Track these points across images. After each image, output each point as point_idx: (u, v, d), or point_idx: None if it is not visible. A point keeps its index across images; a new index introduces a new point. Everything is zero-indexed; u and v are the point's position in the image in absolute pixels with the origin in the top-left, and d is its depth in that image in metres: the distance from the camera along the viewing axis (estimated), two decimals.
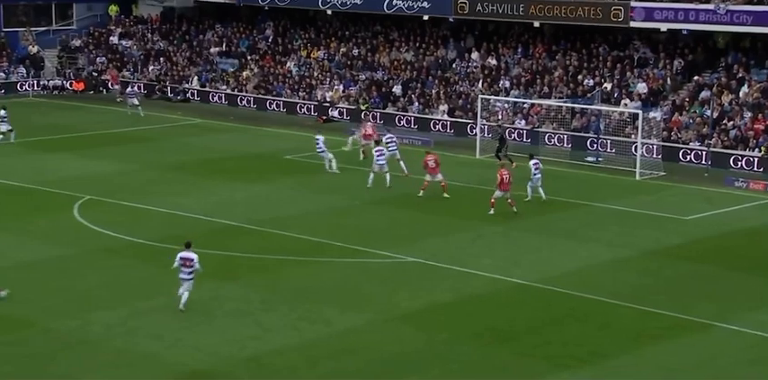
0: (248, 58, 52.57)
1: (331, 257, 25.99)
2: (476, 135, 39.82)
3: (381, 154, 33.07)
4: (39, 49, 55.56)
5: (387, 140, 34.96)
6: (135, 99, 46.95)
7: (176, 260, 22.05)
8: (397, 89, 46.87)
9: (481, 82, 45.18)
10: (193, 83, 51.90)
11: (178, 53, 54.65)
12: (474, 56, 47.34)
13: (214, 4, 55.15)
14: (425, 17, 47.75)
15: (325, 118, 46.73)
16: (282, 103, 48.57)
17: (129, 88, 48.77)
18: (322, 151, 35.25)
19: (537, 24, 44.82)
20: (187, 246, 22.25)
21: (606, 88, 42.48)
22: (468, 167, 36.77)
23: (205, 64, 53.27)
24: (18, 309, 21.96)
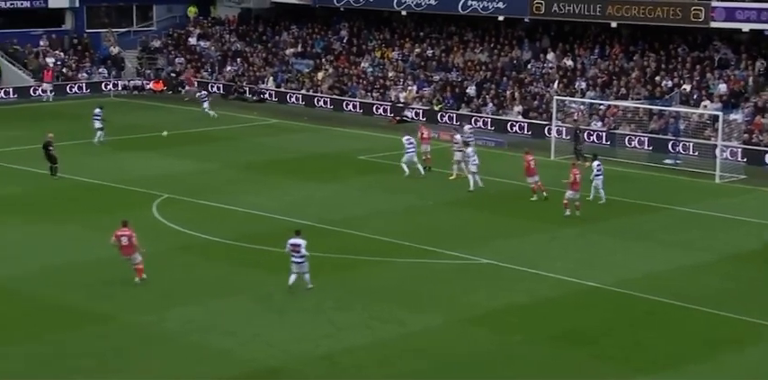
0: (323, 58, 52.91)
1: (404, 258, 25.98)
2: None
3: (469, 156, 32.84)
4: (120, 49, 56.66)
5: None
6: (206, 102, 46.56)
7: (287, 246, 23.20)
8: (471, 90, 46.70)
9: (557, 83, 44.79)
10: (269, 83, 52.39)
11: (254, 54, 55.23)
12: (549, 57, 46.95)
13: (290, 5, 55.60)
14: (500, 18, 47.49)
15: (399, 119, 46.76)
16: (359, 104, 48.72)
17: (199, 92, 48.88)
18: (411, 152, 34.54)
19: (614, 25, 44.26)
20: (297, 233, 23.25)
21: (685, 90, 41.75)
22: (543, 169, 36.31)
23: (281, 65, 53.74)
24: (99, 304, 22.42)
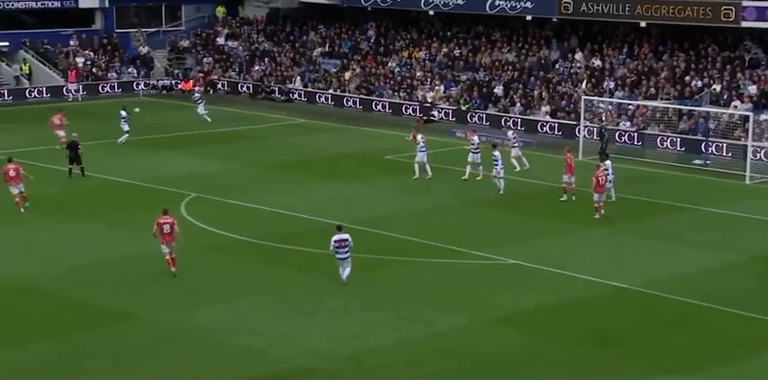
0: (350, 58, 52.96)
1: (431, 258, 25.95)
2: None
3: (496, 159, 32.56)
4: (149, 49, 57.03)
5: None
6: (200, 106, 44.72)
7: (331, 244, 23.27)
8: (499, 90, 46.58)
9: (585, 83, 44.57)
10: (296, 83, 52.53)
11: (282, 54, 55.39)
12: (578, 56, 46.74)
13: (318, 4, 55.71)
14: (528, 17, 47.34)
15: (426, 118, 46.73)
16: (388, 104, 48.67)
17: (196, 94, 46.86)
18: (423, 151, 34.59)
19: (643, 24, 43.99)
20: (339, 229, 23.54)
21: (715, 90, 41.42)
22: None
23: (308, 64, 53.86)
24: (124, 302, 22.54)
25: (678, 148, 39.25)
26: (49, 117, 39.77)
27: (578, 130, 40.68)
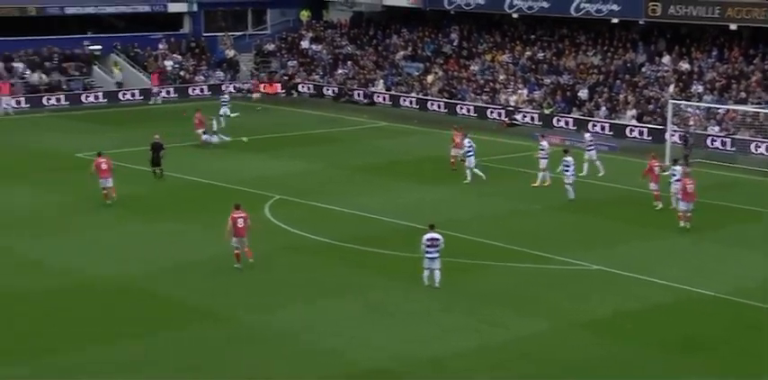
0: (433, 61, 52.97)
1: (512, 262, 25.78)
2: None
3: (568, 165, 32.13)
4: (235, 53, 57.88)
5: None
6: (225, 107, 44.25)
7: (423, 243, 23.20)
8: (583, 93, 46.08)
9: (672, 87, 43.82)
10: (379, 86, 52.74)
11: (365, 57, 55.68)
12: (665, 60, 45.99)
13: (401, 8, 55.86)
14: (614, 20, 46.75)
15: (509, 122, 46.46)
16: (473, 107, 48.51)
17: (225, 96, 46.42)
18: (471, 155, 34.23)
19: (734, 27, 43.07)
20: (431, 227, 23.48)
21: None
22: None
23: (391, 68, 54.03)
24: (206, 301, 22.84)
25: None
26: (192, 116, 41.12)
27: (668, 134, 39.97)
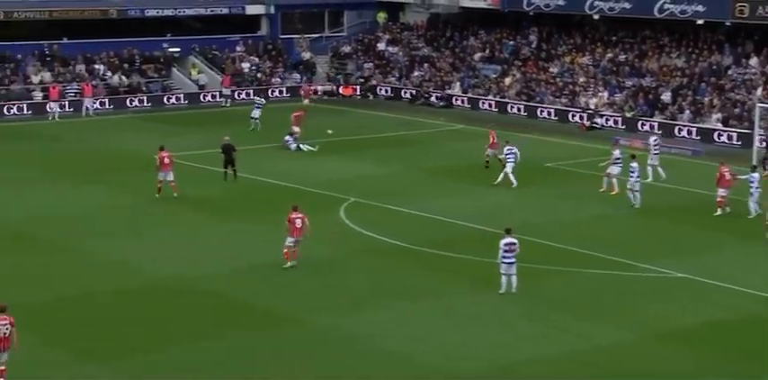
0: (511, 63, 52.30)
1: (593, 269, 25.16)
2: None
3: (633, 171, 31.11)
4: (311, 55, 57.96)
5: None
6: (258, 110, 44.41)
7: (501, 248, 22.85)
8: (666, 96, 44.99)
9: (760, 90, 42.50)
10: (455, 89, 52.26)
11: (441, 59, 55.24)
12: (752, 62, 44.67)
13: (479, 9, 55.30)
14: (699, 21, 45.58)
15: (588, 126, 45.60)
16: (553, 111, 47.71)
17: (261, 99, 46.71)
18: (511, 161, 33.73)
19: None
20: (507, 232, 23.16)
21: None
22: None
23: (467, 70, 53.51)
24: (282, 304, 22.72)
25: None
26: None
27: (760, 140, 38.73)
